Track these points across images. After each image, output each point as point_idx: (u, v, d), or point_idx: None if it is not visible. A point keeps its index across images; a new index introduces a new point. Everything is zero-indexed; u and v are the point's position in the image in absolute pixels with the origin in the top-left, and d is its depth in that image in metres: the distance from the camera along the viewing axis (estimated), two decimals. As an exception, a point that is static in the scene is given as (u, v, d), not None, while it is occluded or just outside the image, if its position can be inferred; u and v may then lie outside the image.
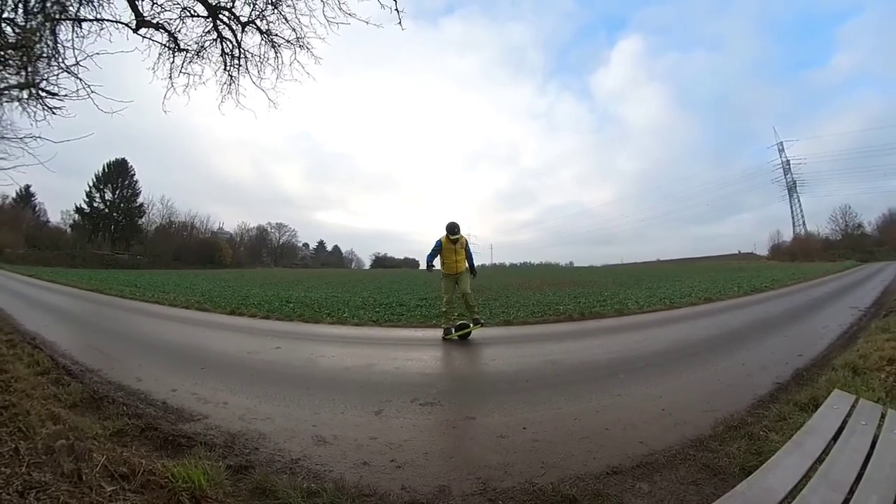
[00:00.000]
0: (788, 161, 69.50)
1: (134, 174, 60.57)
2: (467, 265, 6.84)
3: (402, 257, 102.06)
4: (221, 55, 4.95)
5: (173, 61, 4.82)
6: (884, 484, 1.65)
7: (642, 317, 9.38)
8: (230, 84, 5.12)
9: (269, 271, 52.97)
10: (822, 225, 66.16)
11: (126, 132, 58.25)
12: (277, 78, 5.08)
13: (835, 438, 2.04)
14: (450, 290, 6.57)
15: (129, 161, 60.07)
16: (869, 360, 4.54)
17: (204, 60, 4.94)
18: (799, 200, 68.51)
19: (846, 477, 1.70)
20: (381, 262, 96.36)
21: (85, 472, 1.90)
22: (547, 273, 41.26)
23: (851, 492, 1.60)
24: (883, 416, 2.28)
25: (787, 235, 68.86)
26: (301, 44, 4.83)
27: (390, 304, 11.01)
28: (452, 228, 6.50)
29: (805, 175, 68.08)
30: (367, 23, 4.36)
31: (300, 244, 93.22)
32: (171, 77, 4.87)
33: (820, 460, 1.83)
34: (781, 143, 70.05)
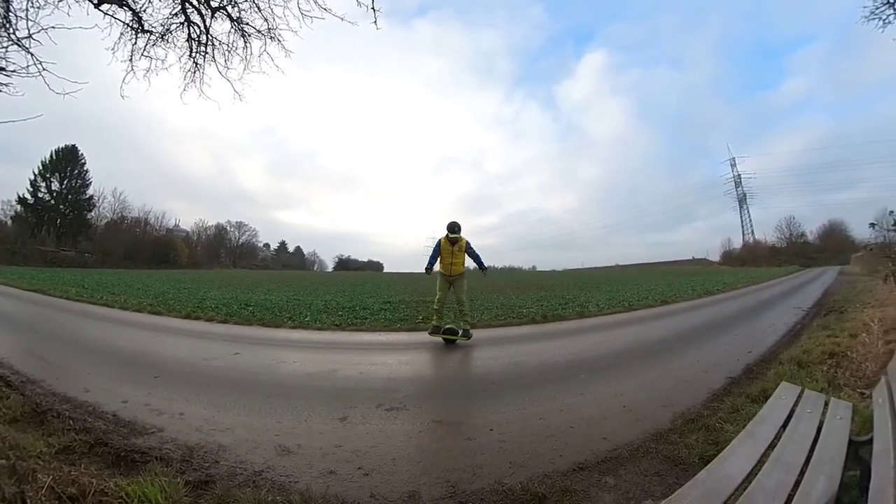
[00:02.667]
0: (740, 175, 74.67)
1: (84, 163, 55.70)
2: (475, 266, 6.94)
3: (365, 259, 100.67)
4: (188, 40, 4.68)
5: (136, 43, 4.50)
6: (829, 464, 1.79)
7: (602, 319, 9.75)
8: (195, 71, 4.85)
9: (228, 272, 50.56)
10: (770, 233, 72.23)
11: (78, 116, 53.55)
12: (245, 69, 4.85)
13: (784, 426, 2.20)
14: (444, 289, 6.52)
15: (79, 148, 55.38)
16: (812, 355, 4.98)
17: (169, 44, 4.64)
18: (748, 211, 74.35)
19: (796, 460, 1.83)
20: (344, 264, 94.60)
21: (29, 495, 1.74)
22: (510, 277, 41.90)
23: (802, 473, 1.73)
24: (826, 404, 2.49)
25: (738, 243, 74.79)
26: (272, 35, 4.64)
27: (353, 308, 10.80)
28: (452, 227, 6.42)
29: (755, 188, 76.19)
30: (341, 19, 4.25)
31: (261, 244, 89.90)
32: (131, 59, 4.54)
33: (772, 446, 1.96)
34: (734, 158, 75.98)
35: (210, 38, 4.70)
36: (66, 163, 54.17)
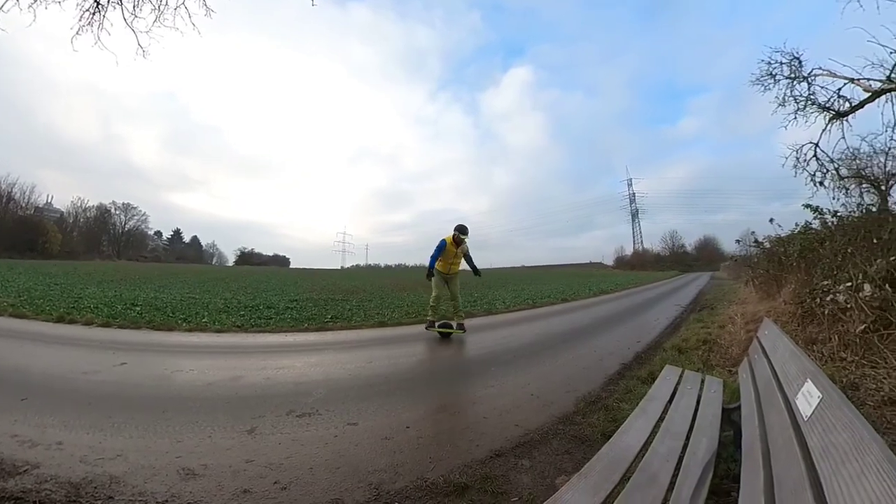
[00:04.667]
0: (634, 193, 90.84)
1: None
2: (469, 267, 7.30)
3: (271, 254, 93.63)
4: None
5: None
6: (709, 428, 2.09)
7: (509, 315, 10.25)
8: (95, 13, 4.11)
9: (111, 265, 42.28)
10: (656, 243, 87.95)
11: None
12: (156, 20, 4.24)
13: (670, 401, 2.52)
14: (440, 287, 6.82)
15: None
16: (689, 342, 5.90)
17: None
18: (640, 224, 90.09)
19: (682, 428, 2.11)
20: (247, 258, 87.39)
21: None
22: (421, 275, 41.93)
23: (687, 438, 2.00)
24: (702, 381, 2.91)
25: (629, 250, 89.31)
26: None
27: (257, 307, 10.07)
28: (463, 230, 6.73)
29: (646, 205, 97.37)
30: None
31: (151, 232, 79.39)
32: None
33: (661, 419, 2.24)
34: (631, 178, 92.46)
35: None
36: None
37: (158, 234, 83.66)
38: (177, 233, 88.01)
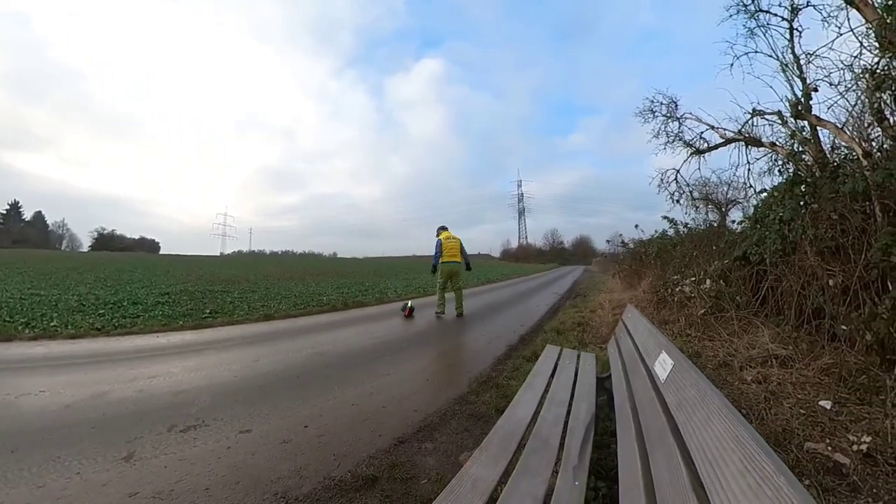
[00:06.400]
0: (523, 194, 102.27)
1: None
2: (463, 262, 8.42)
3: (136, 237, 79.79)
4: None
5: None
6: (587, 395, 2.41)
7: (401, 303, 10.31)
8: None
9: None
10: (538, 239, 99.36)
11: None
12: None
13: (552, 375, 2.83)
14: (445, 276, 8.13)
15: None
16: (566, 325, 6.67)
17: None
18: (525, 221, 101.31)
19: (564, 397, 2.39)
20: (106, 241, 73.04)
21: None
22: (310, 263, 40.08)
23: (570, 405, 2.27)
24: (579, 357, 3.31)
25: (514, 244, 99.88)
26: None
27: (120, 303, 8.65)
28: (445, 228, 8.54)
29: (532, 205, 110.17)
30: None
31: None
32: None
33: (546, 391, 2.51)
34: (521, 180, 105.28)
35: None
36: None
37: (-12, 209, 66.16)
38: (14, 206, 70.02)
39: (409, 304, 8.39)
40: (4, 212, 68.92)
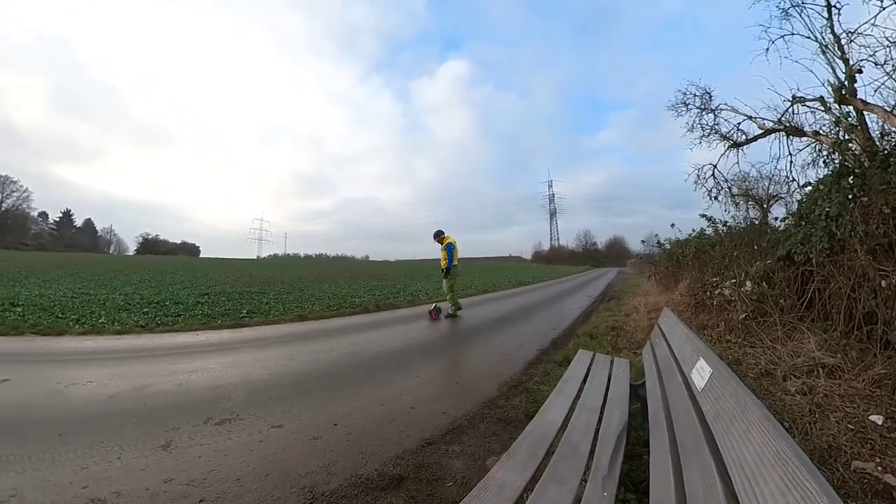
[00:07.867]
0: (554, 194, 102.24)
1: None
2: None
3: (178, 241, 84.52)
4: None
5: None
6: (620, 403, 2.33)
7: (429, 307, 10.36)
8: None
9: None
10: (571, 240, 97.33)
11: None
12: None
13: (584, 381, 2.76)
14: (455, 278, 8.64)
15: None
16: (599, 329, 6.48)
17: None
18: (557, 222, 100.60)
19: (596, 403, 2.32)
20: (150, 245, 78.20)
21: None
22: (343, 266, 41.00)
23: (602, 412, 2.21)
24: (612, 362, 3.21)
25: (546, 245, 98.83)
26: None
27: (163, 303, 9.17)
28: (438, 232, 8.95)
29: (563, 205, 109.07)
30: None
31: (35, 213, 66.59)
32: None
33: (577, 397, 2.44)
34: (551, 181, 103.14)
35: None
36: None
37: (44, 215, 71.07)
38: (66, 214, 75.38)
39: (436, 307, 8.48)
40: (58, 219, 74.11)
